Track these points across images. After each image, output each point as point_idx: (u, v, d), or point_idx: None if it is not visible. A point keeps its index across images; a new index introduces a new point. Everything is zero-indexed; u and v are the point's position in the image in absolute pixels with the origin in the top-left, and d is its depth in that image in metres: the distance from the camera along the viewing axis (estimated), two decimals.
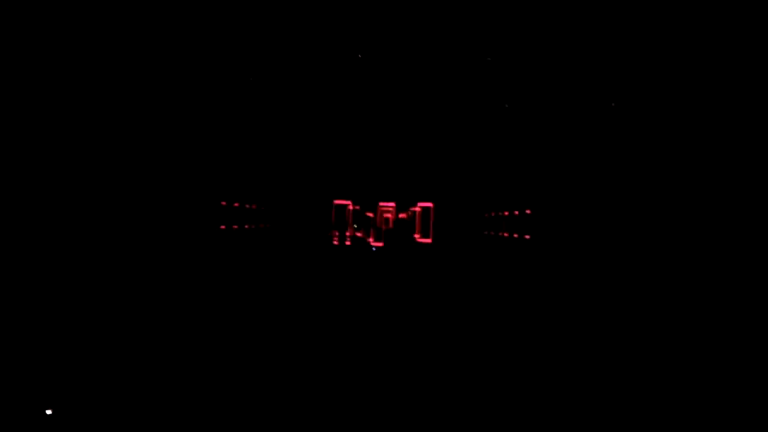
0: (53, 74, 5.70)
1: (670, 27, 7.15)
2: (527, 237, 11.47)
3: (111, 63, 6.51)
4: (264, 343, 4.67)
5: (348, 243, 12.28)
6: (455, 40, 9.66)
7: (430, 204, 13.25)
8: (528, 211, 11.43)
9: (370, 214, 13.99)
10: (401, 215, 13.67)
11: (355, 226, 12.61)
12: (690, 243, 6.92)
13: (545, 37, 8.99)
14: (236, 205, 8.61)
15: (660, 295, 7.03)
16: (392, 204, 13.71)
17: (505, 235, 12.21)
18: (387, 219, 13.72)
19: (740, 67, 6.35)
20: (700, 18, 6.68)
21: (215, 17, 7.96)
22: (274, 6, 8.23)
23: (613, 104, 9.14)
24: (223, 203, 7.85)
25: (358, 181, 13.90)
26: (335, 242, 12.07)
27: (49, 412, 2.84)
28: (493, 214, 12.93)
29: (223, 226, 7.81)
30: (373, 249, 12.26)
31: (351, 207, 13.60)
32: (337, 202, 13.97)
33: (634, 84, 8.40)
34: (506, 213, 12.48)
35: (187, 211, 7.34)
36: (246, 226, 9.57)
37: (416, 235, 13.18)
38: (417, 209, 13.44)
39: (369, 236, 12.73)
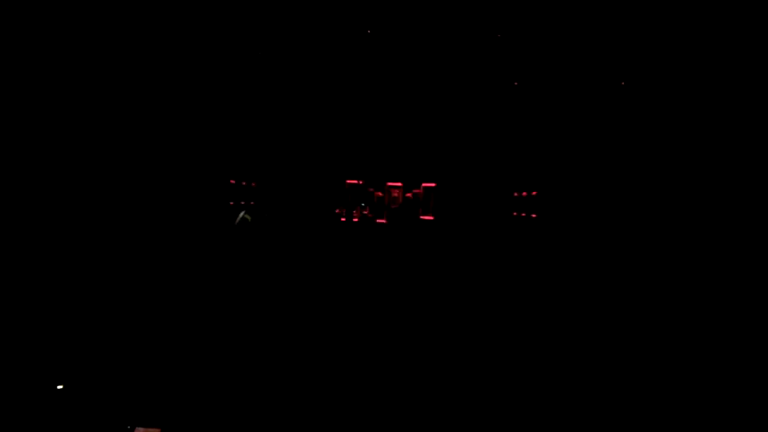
0: (50, 54, 5.62)
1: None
2: (523, 215, 12.12)
3: (109, 46, 6.52)
4: (276, 315, 4.67)
5: (355, 220, 13.24)
6: (466, 18, 9.61)
7: (433, 184, 14.05)
8: (525, 194, 12.04)
9: (379, 194, 14.86)
10: (408, 195, 14.50)
11: (363, 204, 13.52)
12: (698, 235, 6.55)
13: (558, 11, 8.84)
14: (244, 183, 9.68)
15: (663, 290, 6.59)
16: (400, 184, 14.54)
17: (515, 214, 12.95)
18: (395, 198, 14.58)
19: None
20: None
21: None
22: None
23: (623, 83, 9.08)
24: (232, 181, 8.88)
25: (368, 161, 14.76)
26: (343, 219, 13.04)
27: (59, 387, 2.86)
28: (496, 194, 13.65)
29: (231, 203, 8.86)
30: (378, 222, 13.23)
31: (361, 186, 14.52)
32: (349, 181, 14.92)
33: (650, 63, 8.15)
34: (516, 194, 13.19)
35: (200, 190, 8.34)
36: (251, 203, 10.65)
37: (421, 213, 14.06)
38: (421, 190, 14.25)
39: (375, 213, 13.63)
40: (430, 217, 14.06)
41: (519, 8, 9.03)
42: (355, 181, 14.70)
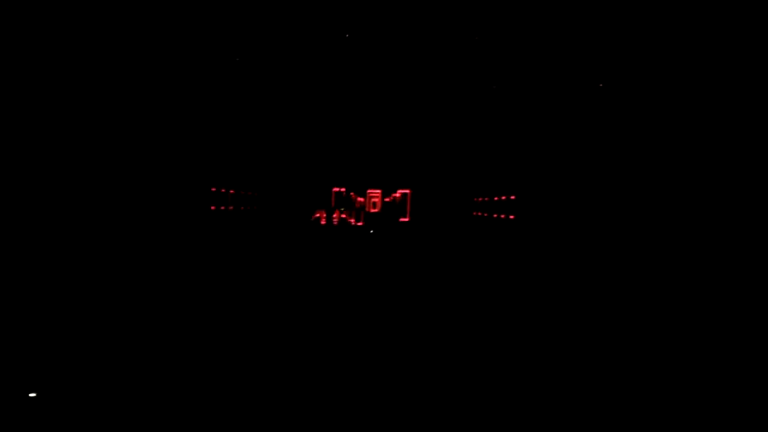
0: (40, 60, 5.70)
1: (649, 19, 7.05)
2: (487, 215, 13.65)
3: (100, 51, 6.68)
4: (257, 309, 4.83)
5: (335, 223, 14.99)
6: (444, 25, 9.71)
7: (408, 191, 15.71)
8: (493, 198, 13.59)
9: (361, 199, 16.57)
10: (386, 199, 16.17)
11: (342, 209, 15.23)
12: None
13: (530, 21, 8.92)
14: (233, 192, 11.48)
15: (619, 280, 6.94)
16: (379, 191, 16.23)
17: (478, 214, 14.49)
18: (374, 203, 16.26)
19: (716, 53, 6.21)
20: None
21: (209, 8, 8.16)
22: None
23: (600, 84, 8.99)
24: (213, 189, 10.65)
25: (351, 170, 16.52)
26: (323, 222, 14.80)
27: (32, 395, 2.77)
28: (466, 199, 15.21)
29: (213, 207, 10.62)
30: (358, 225, 14.94)
31: (344, 192, 16.27)
32: (335, 189, 16.71)
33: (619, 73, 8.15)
34: (476, 199, 14.72)
35: (186, 197, 10.01)
36: (242, 208, 12.42)
37: (398, 215, 15.73)
38: (398, 195, 15.93)
39: (352, 218, 15.33)
40: (407, 219, 15.72)
41: (494, 16, 9.15)
42: (340, 189, 16.49)
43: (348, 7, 8.90)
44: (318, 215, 14.69)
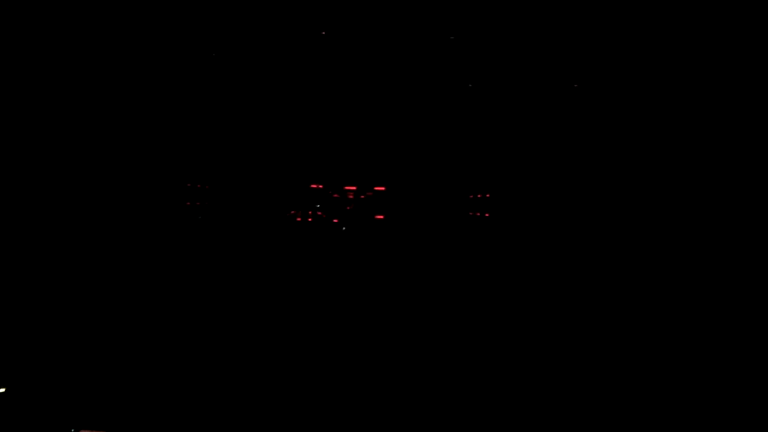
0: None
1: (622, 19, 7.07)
2: (457, 214, 13.72)
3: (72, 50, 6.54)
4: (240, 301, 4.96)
5: (309, 220, 14.83)
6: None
7: (383, 188, 15.70)
8: (468, 196, 13.66)
9: (336, 196, 16.49)
10: (362, 196, 16.15)
11: (318, 205, 15.07)
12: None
13: (509, 18, 8.97)
14: (207, 187, 11.23)
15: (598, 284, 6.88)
16: (354, 187, 16.19)
17: (452, 210, 14.65)
18: (350, 199, 16.23)
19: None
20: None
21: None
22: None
23: (575, 85, 9.26)
24: (189, 184, 10.38)
25: (327, 168, 16.39)
26: (298, 219, 14.61)
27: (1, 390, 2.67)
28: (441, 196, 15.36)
29: (188, 202, 10.36)
30: (334, 222, 14.85)
31: (321, 189, 16.14)
32: (313, 186, 16.58)
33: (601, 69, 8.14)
34: (448, 198, 14.86)
35: (166, 191, 9.78)
36: (218, 204, 12.23)
37: (374, 212, 15.73)
38: (372, 193, 15.92)
39: (326, 214, 15.22)
40: (381, 216, 15.74)
41: (468, 21, 9.33)
42: (318, 185, 16.35)
43: (324, 5, 8.81)
44: (293, 212, 14.51)
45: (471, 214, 14.36)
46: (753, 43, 5.71)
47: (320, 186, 16.17)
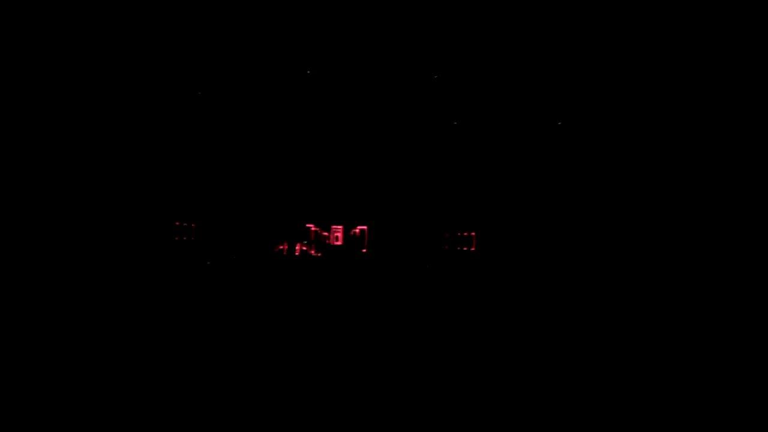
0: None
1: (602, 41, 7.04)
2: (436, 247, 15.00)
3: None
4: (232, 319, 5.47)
5: (297, 254, 16.37)
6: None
7: (365, 227, 17.26)
8: (445, 235, 14.99)
9: (326, 233, 18.05)
10: (349, 233, 17.67)
11: (304, 241, 16.60)
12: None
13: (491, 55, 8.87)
14: (194, 225, 12.89)
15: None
16: (341, 226, 17.74)
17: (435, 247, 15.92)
18: (337, 236, 17.74)
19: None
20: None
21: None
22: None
23: (559, 123, 9.27)
24: (177, 223, 12.03)
25: (315, 207, 18.08)
26: (284, 253, 16.16)
27: None
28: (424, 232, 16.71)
29: (177, 237, 11.98)
30: (318, 256, 16.38)
31: (312, 228, 17.75)
32: (308, 225, 18.28)
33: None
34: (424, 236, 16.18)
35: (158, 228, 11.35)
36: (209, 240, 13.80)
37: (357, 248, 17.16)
38: (357, 231, 17.43)
39: (312, 249, 16.75)
40: (364, 251, 17.13)
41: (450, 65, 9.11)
42: (309, 225, 17.98)
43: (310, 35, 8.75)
44: (281, 247, 16.06)
45: (446, 248, 15.60)
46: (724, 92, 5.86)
47: (311, 225, 17.78)
